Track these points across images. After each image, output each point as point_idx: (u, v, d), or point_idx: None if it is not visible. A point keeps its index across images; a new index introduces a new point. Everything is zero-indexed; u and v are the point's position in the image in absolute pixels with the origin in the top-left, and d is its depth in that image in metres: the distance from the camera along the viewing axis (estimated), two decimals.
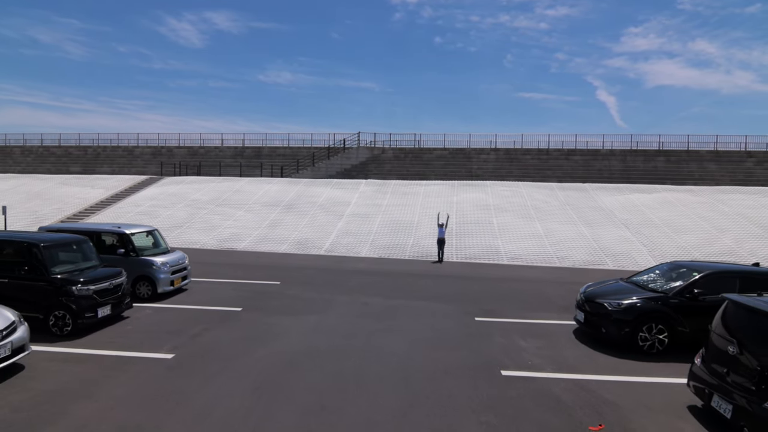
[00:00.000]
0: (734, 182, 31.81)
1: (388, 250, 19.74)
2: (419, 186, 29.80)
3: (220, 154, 39.31)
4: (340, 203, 26.29)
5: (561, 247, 19.58)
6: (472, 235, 21.44)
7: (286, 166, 36.58)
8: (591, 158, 35.39)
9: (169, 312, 9.86)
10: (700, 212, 23.31)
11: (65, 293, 8.06)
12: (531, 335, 8.80)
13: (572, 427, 5.33)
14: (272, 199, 26.90)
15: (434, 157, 37.20)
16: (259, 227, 22.80)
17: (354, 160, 36.78)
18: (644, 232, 20.91)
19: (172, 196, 27.45)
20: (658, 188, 28.08)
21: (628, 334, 7.90)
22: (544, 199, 26.09)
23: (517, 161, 36.06)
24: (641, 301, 8.07)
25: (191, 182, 30.68)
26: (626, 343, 7.93)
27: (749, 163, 33.63)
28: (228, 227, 22.66)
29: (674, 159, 34.40)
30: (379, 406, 5.71)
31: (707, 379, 5.56)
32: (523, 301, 11.72)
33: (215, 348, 7.69)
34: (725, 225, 21.58)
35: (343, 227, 22.75)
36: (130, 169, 38.81)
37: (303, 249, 19.97)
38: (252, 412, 5.47)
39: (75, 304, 8.07)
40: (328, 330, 8.88)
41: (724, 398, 5.19)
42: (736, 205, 24.11)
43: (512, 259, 18.63)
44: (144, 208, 25.51)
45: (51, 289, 8.07)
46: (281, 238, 21.37)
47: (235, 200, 26.86)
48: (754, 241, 19.78)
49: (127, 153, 40.77)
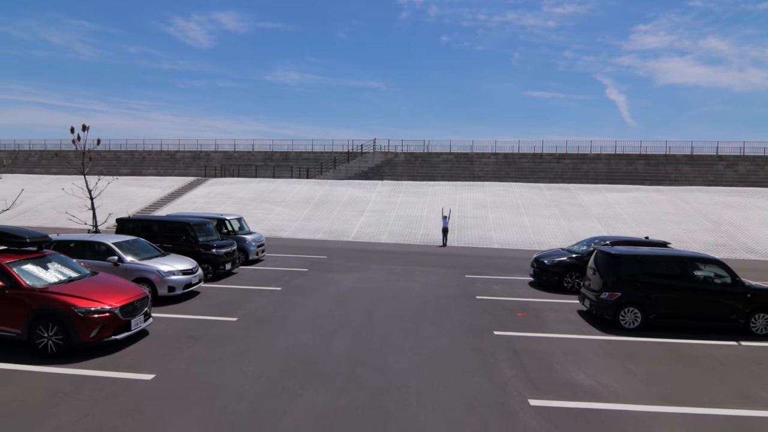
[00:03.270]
0: (705, 183, 36.19)
1: (402, 238, 24.62)
2: (428, 186, 34.63)
3: (252, 158, 44.47)
4: (361, 201, 31.24)
5: (542, 236, 24.32)
6: (471, 227, 26.24)
7: (311, 168, 41.63)
8: (579, 161, 39.96)
9: (262, 271, 14.82)
10: (662, 208, 27.90)
11: (207, 253, 13.02)
12: (500, 283, 13.63)
13: (512, 314, 10.17)
14: (304, 197, 31.93)
15: (441, 160, 42.01)
16: (297, 220, 27.82)
17: (370, 163, 41.72)
18: (612, 224, 25.56)
19: (220, 195, 32.60)
20: (631, 188, 32.66)
21: (558, 279, 12.72)
22: (533, 198, 30.83)
23: (515, 164, 40.73)
24: (567, 259, 12.89)
25: (233, 183, 35.85)
26: (556, 285, 12.75)
27: (720, 166, 37.98)
28: (271, 220, 27.68)
29: (653, 162, 38.86)
30: (404, 309, 10.60)
31: (584, 292, 10.36)
32: (501, 268, 16.52)
33: (303, 286, 12.62)
34: (680, 218, 26.16)
35: (365, 220, 27.68)
36: (172, 171, 44.10)
37: (334, 236, 24.91)
38: (336, 310, 10.36)
39: (213, 260, 13.04)
40: (369, 279, 13.77)
41: (587, 298, 10.01)
42: (693, 202, 28.66)
43: (502, 244, 23.42)
44: (199, 205, 30.65)
45: (200, 252, 13.04)
46: (315, 228, 26.35)
47: (273, 198, 31.93)
48: (699, 231, 24.35)
49: (169, 157, 46.10)
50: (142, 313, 7.91)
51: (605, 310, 9.31)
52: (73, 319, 6.98)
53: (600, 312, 9.44)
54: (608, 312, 9.25)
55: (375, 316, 9.84)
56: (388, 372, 6.75)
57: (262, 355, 7.30)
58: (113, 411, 5.38)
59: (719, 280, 9.38)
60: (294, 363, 7.02)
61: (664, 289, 9.23)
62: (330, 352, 7.52)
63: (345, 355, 7.43)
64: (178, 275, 10.52)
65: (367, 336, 8.43)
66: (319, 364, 6.97)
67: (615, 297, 9.22)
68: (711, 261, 9.63)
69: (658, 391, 6.37)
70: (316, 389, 6.10)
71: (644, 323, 9.13)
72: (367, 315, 9.87)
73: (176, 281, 10.42)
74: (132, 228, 13.45)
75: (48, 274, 7.82)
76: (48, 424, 5.06)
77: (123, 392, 5.88)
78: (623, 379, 6.78)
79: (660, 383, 6.66)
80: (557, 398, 6.04)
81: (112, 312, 7.31)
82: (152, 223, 13.81)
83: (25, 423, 5.07)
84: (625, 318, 9.17)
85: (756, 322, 9.09)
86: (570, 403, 5.89)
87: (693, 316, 9.20)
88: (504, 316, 10.01)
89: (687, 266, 9.44)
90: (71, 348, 7.00)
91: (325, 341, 8.06)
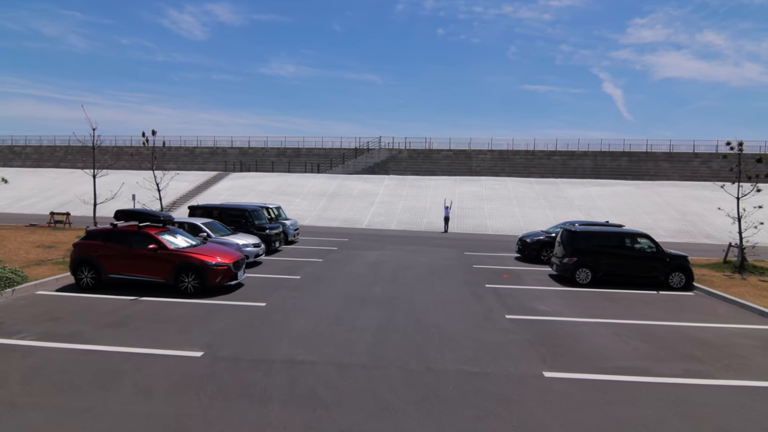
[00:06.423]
0: (682, 178, 39.87)
1: (409, 226, 28.22)
2: (430, 180, 38.18)
3: (266, 154, 47.88)
4: (371, 193, 34.79)
5: (530, 224, 27.95)
6: (469, 216, 29.85)
7: (322, 163, 45.10)
8: (568, 158, 43.56)
9: (301, 249, 18.37)
10: (637, 200, 31.58)
11: (261, 234, 16.53)
12: (492, 258, 17.26)
13: (499, 275, 13.78)
14: (319, 190, 35.46)
15: (441, 156, 45.54)
16: (314, 210, 31.37)
17: (376, 159, 45.21)
18: (591, 215, 29.20)
19: (243, 188, 36.10)
20: (612, 183, 36.33)
21: (536, 254, 16.37)
22: (524, 191, 34.45)
23: (509, 160, 44.30)
24: (543, 238, 16.53)
25: (253, 177, 39.34)
26: (535, 259, 16.38)
27: (695, 162, 41.66)
28: (292, 210, 31.20)
29: (635, 159, 42.51)
30: (418, 272, 14.21)
31: (553, 260, 13.97)
32: (494, 247, 20.14)
33: (338, 259, 16.19)
34: (651, 209, 29.84)
35: (375, 210, 31.25)
36: (192, 166, 47.47)
37: (349, 224, 28.48)
38: (370, 271, 13.95)
39: (267, 239, 16.57)
40: (388, 255, 17.36)
41: (554, 264, 13.62)
42: (666, 195, 32.35)
43: (495, 231, 27.04)
44: (225, 197, 34.14)
45: (254, 232, 16.53)
46: (332, 217, 29.91)
47: (291, 191, 35.44)
48: (667, 220, 28.03)
49: (188, 152, 49.45)
50: (242, 269, 11.48)
51: (565, 270, 12.92)
52: (206, 269, 10.54)
53: (562, 272, 13.06)
54: (567, 272, 12.87)
55: (399, 275, 13.45)
56: (416, 302, 10.36)
57: (330, 296, 10.89)
58: (254, 317, 8.96)
59: (649, 249, 12.99)
60: (352, 298, 10.62)
61: (608, 256, 12.84)
62: (373, 293, 11.12)
63: (383, 294, 11.03)
64: (250, 247, 14.09)
65: (396, 286, 12.04)
66: (367, 299, 10.58)
67: (573, 261, 12.82)
68: (643, 235, 13.24)
69: (591, 313, 9.98)
70: (371, 309, 9.70)
71: (594, 280, 12.74)
72: (393, 274, 13.49)
73: (249, 251, 13.98)
74: (201, 213, 16.99)
75: (178, 241, 11.37)
76: (219, 322, 8.62)
77: (252, 311, 9.45)
78: (569, 307, 10.40)
79: (593, 309, 10.28)
80: (524, 315, 9.65)
81: (228, 266, 10.86)
82: (216, 209, 17.35)
83: (205, 322, 8.63)
84: (579, 276, 12.78)
85: (672, 278, 12.71)
86: (531, 317, 9.50)
87: (629, 275, 12.82)
88: (493, 277, 13.63)
89: (625, 239, 13.06)
90: (204, 289, 10.55)
91: (368, 288, 11.66)
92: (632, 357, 7.34)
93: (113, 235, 11.11)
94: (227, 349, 7.20)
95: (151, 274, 10.71)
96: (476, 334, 8.24)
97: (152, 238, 10.86)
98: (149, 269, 10.72)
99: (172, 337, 7.71)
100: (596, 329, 8.78)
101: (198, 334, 7.87)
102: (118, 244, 10.99)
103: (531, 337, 8.15)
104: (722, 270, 14.83)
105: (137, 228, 11.15)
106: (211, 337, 7.70)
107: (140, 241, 10.88)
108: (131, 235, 11.02)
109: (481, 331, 8.43)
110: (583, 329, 8.76)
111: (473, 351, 7.37)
